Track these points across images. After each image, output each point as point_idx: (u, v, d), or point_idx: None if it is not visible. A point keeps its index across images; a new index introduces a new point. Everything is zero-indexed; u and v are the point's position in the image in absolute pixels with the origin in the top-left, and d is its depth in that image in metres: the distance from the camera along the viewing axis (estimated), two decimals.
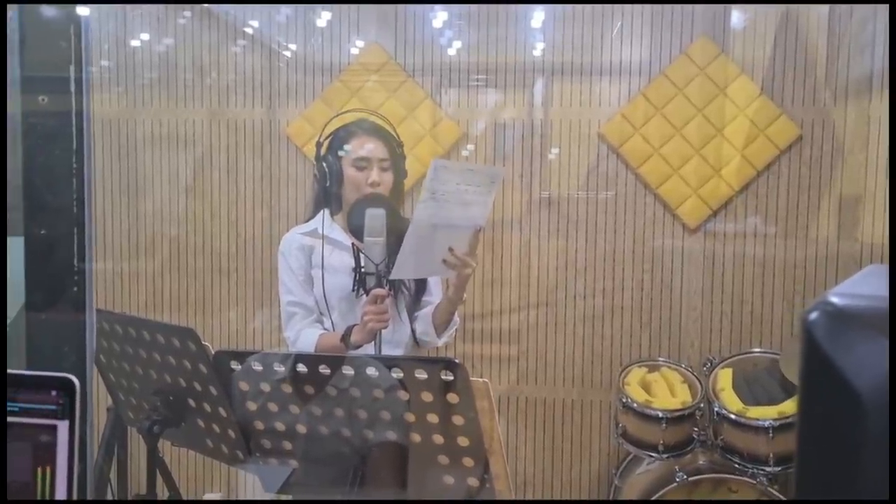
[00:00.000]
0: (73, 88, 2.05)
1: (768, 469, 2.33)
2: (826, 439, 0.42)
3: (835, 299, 0.39)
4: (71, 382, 0.84)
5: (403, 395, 1.35)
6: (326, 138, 2.09)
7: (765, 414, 2.36)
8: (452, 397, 1.31)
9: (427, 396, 1.33)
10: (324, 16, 3.06)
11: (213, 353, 1.49)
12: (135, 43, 3.14)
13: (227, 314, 3.19)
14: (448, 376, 1.30)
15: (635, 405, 2.49)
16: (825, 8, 2.83)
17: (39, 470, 0.91)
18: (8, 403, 0.85)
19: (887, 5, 2.54)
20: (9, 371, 0.86)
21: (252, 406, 1.48)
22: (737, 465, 2.40)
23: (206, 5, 3.11)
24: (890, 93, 2.67)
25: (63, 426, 0.85)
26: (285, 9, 3.07)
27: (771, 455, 2.33)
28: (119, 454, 1.90)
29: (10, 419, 0.86)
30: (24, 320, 2.14)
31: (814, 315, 0.40)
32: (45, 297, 2.10)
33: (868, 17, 2.76)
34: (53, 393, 0.84)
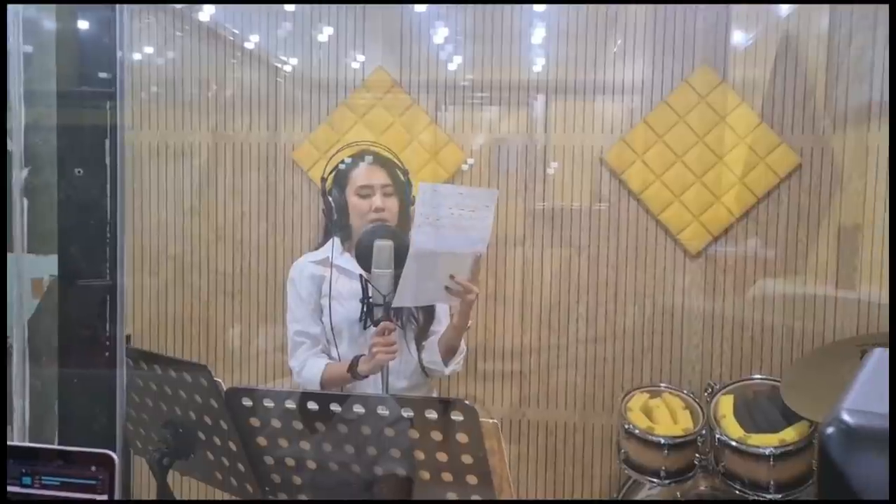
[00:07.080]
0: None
1: (769, 496, 2.35)
2: None
3: (847, 417, 0.42)
4: (110, 458, 0.87)
5: (413, 433, 1.37)
6: (330, 173, 2.12)
7: (766, 441, 2.38)
8: (462, 437, 1.34)
9: (436, 435, 1.36)
10: (325, 31, 3.09)
11: (224, 388, 1.51)
12: (137, 56, 3.16)
13: (230, 332, 3.22)
14: (458, 416, 1.33)
15: (637, 431, 2.51)
16: (825, 35, 2.86)
17: None
18: (48, 477, 0.87)
19: (887, 5, 2.57)
20: (52, 447, 0.89)
21: (262, 441, 1.51)
22: (738, 492, 2.42)
23: (209, 24, 3.15)
24: (890, 94, 2.69)
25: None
26: (287, 24, 3.10)
27: (772, 482, 2.34)
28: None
29: (53, 492, 0.88)
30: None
31: (829, 430, 0.43)
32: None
33: (867, 45, 2.79)
34: (93, 468, 0.87)
